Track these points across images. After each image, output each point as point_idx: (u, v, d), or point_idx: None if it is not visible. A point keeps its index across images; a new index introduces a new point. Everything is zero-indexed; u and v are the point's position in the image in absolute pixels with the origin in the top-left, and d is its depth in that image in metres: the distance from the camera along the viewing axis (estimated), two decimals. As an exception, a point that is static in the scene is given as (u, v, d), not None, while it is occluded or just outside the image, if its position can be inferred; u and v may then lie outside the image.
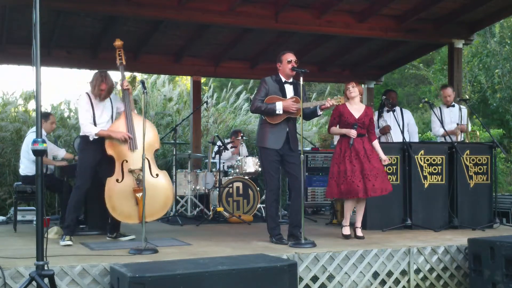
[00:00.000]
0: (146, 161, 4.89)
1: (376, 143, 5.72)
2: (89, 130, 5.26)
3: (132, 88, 10.98)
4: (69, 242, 5.04)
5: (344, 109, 5.58)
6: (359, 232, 5.58)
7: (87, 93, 5.39)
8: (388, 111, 7.04)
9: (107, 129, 5.29)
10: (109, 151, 5.25)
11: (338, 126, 5.63)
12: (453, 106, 7.13)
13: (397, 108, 7.11)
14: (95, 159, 5.31)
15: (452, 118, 7.08)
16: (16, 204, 6.66)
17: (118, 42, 5.59)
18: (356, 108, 5.62)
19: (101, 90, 5.32)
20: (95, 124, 5.30)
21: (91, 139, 5.26)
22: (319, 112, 5.30)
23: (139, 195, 5.13)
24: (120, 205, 5.15)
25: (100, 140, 5.27)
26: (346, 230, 5.58)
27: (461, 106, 7.08)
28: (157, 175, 5.30)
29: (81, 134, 5.41)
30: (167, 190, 5.33)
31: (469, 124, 7.26)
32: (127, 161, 5.24)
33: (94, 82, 5.34)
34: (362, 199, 5.58)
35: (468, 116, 7.11)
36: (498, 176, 11.17)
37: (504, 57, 14.50)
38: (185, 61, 9.36)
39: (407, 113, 7.27)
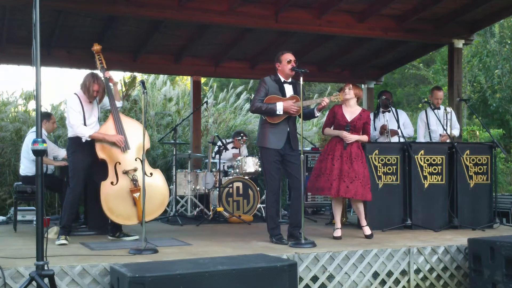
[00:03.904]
0: (140, 161, 4.88)
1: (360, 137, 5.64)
2: (82, 132, 5.22)
3: (132, 88, 11.05)
4: (65, 242, 5.04)
5: (338, 110, 5.64)
6: (367, 231, 5.59)
7: (76, 94, 5.34)
8: (383, 112, 7.07)
9: (98, 132, 5.25)
10: (101, 155, 5.22)
11: (332, 127, 5.65)
12: (439, 109, 7.06)
13: (392, 109, 7.10)
14: (87, 160, 5.29)
15: (437, 121, 7.01)
16: (16, 204, 6.66)
17: (96, 47, 5.50)
18: (351, 111, 5.64)
19: (95, 91, 5.29)
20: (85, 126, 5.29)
21: (83, 140, 5.23)
22: (317, 114, 5.30)
23: (136, 195, 5.13)
24: (118, 207, 5.15)
25: (90, 141, 5.24)
26: (338, 233, 5.57)
27: (448, 109, 7.00)
28: (151, 174, 5.29)
29: (71, 135, 5.36)
30: (163, 188, 5.34)
31: (457, 128, 7.21)
32: (120, 163, 5.22)
33: (88, 85, 5.29)
34: (358, 200, 5.59)
35: (463, 117, 7.05)
36: (498, 176, 11.15)
37: (504, 57, 14.49)
38: (185, 61, 9.36)
39: (402, 114, 7.27)
